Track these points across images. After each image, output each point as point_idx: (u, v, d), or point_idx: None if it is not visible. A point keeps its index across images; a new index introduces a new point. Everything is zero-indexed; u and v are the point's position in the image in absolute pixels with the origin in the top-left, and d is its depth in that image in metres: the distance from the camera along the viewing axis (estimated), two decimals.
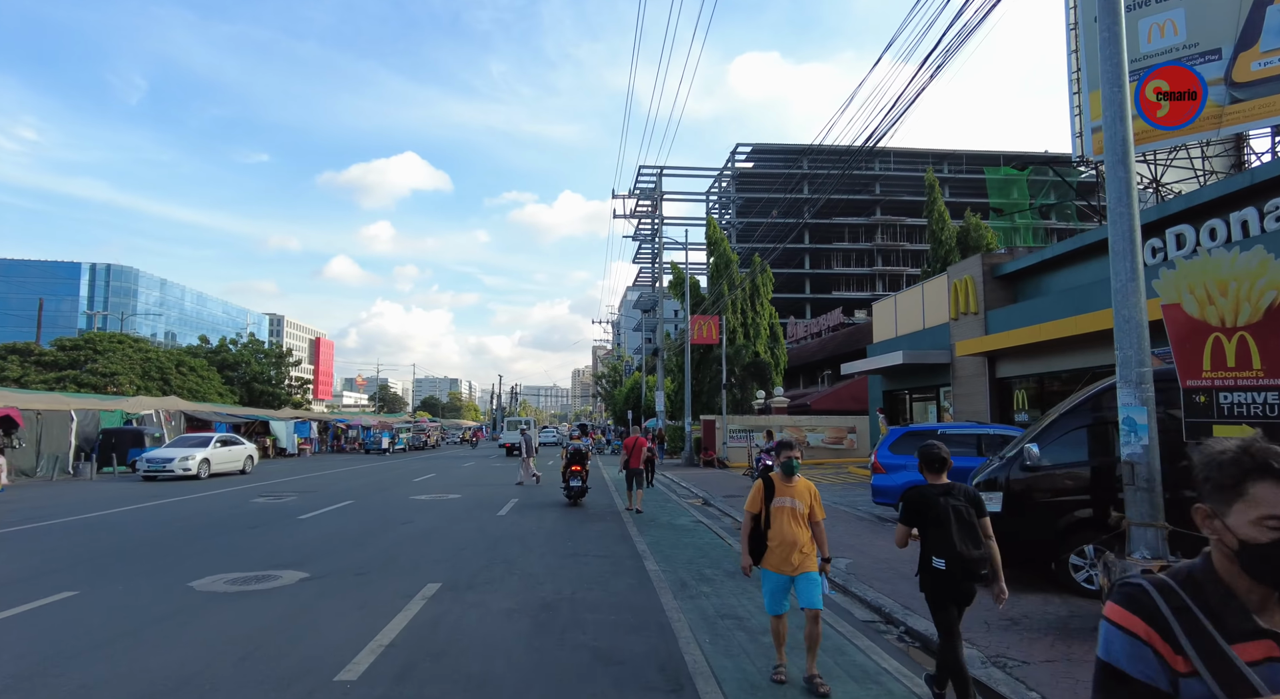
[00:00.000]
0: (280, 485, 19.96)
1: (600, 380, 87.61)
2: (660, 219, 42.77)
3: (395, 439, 45.94)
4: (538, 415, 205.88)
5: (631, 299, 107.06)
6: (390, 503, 15.61)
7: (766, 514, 4.86)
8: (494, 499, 16.38)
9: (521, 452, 21.57)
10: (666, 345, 38.58)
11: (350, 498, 16.56)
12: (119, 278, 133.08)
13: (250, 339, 61.32)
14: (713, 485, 19.65)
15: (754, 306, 38.71)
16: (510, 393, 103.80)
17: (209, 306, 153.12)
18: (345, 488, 19.27)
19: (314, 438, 43.79)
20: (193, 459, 21.73)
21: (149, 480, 21.60)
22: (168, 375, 39.74)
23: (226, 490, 18.57)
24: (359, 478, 23.09)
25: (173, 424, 30.66)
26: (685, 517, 13.68)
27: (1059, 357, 15.46)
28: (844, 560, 8.78)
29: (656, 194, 41.83)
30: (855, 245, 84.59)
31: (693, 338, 28.91)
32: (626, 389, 59.23)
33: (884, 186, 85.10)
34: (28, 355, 37.60)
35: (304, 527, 12.00)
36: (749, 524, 4.94)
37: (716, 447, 28.18)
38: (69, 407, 25.12)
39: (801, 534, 4.79)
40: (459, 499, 16.44)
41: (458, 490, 18.61)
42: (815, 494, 4.96)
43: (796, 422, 29.33)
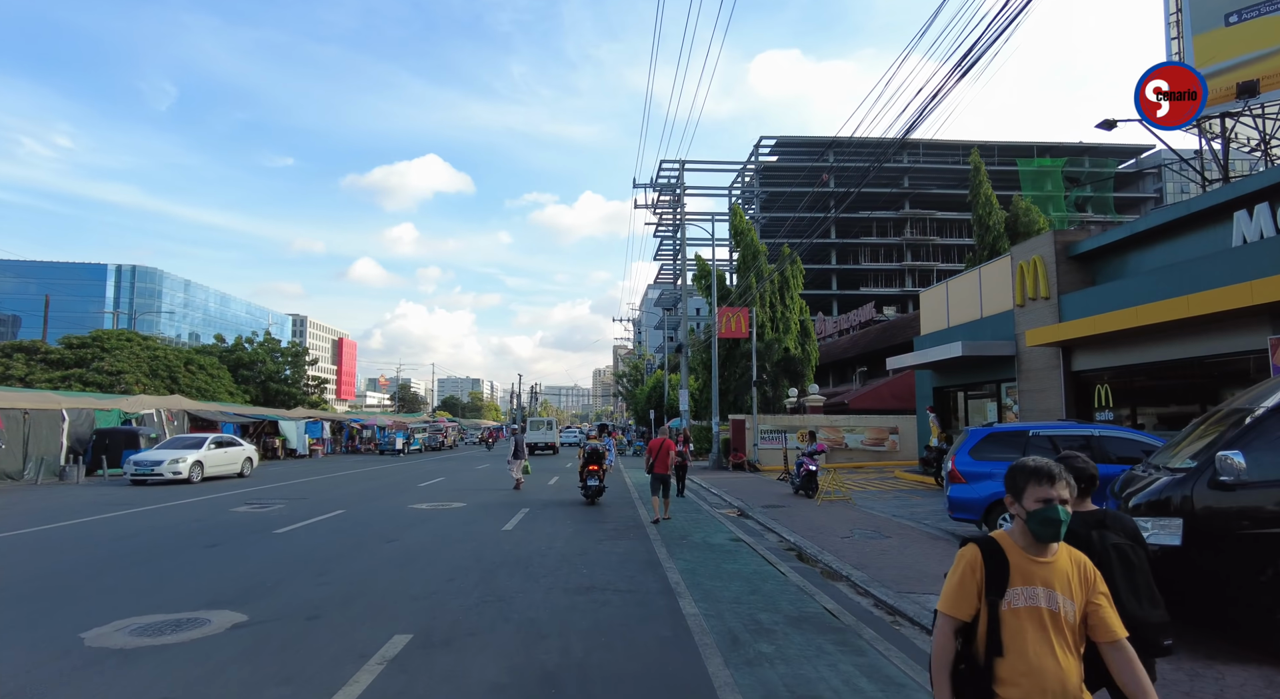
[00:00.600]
0: (272, 491, 18.26)
1: (621, 379, 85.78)
2: (682, 213, 40.83)
3: (410, 440, 44.37)
4: (558, 415, 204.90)
5: (652, 297, 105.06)
6: (383, 513, 13.79)
7: (991, 622, 2.28)
8: (501, 509, 14.50)
9: (513, 452, 19.59)
10: (690, 342, 36.56)
11: (342, 506, 14.77)
12: (144, 279, 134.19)
13: (266, 337, 60.22)
14: (747, 492, 17.63)
15: (783, 300, 36.55)
16: (530, 392, 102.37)
17: (232, 307, 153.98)
18: (341, 494, 17.52)
19: (326, 438, 42.34)
20: (183, 462, 20.14)
21: (138, 484, 20.03)
22: (176, 374, 38.48)
23: (210, 497, 16.90)
24: (361, 482, 21.37)
25: (175, 424, 29.25)
26: (721, 532, 11.69)
27: (1152, 346, 13.25)
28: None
29: (678, 187, 39.96)
30: (883, 240, 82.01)
31: (720, 331, 26.85)
32: (648, 388, 57.30)
33: (913, 180, 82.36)
34: (34, 353, 36.49)
35: (273, 544, 10.19)
36: (949, 644, 2.33)
37: (747, 448, 26.13)
38: (60, 405, 23.70)
39: (1069, 672, 2.24)
40: (462, 509, 14.58)
41: (463, 497, 16.77)
42: (1095, 579, 2.35)
43: (833, 421, 27.19)
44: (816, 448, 16.26)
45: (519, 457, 19.32)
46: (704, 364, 37.90)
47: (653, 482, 13.51)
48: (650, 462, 13.57)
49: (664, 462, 13.47)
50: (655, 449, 13.62)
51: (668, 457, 13.61)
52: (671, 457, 13.81)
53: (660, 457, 13.47)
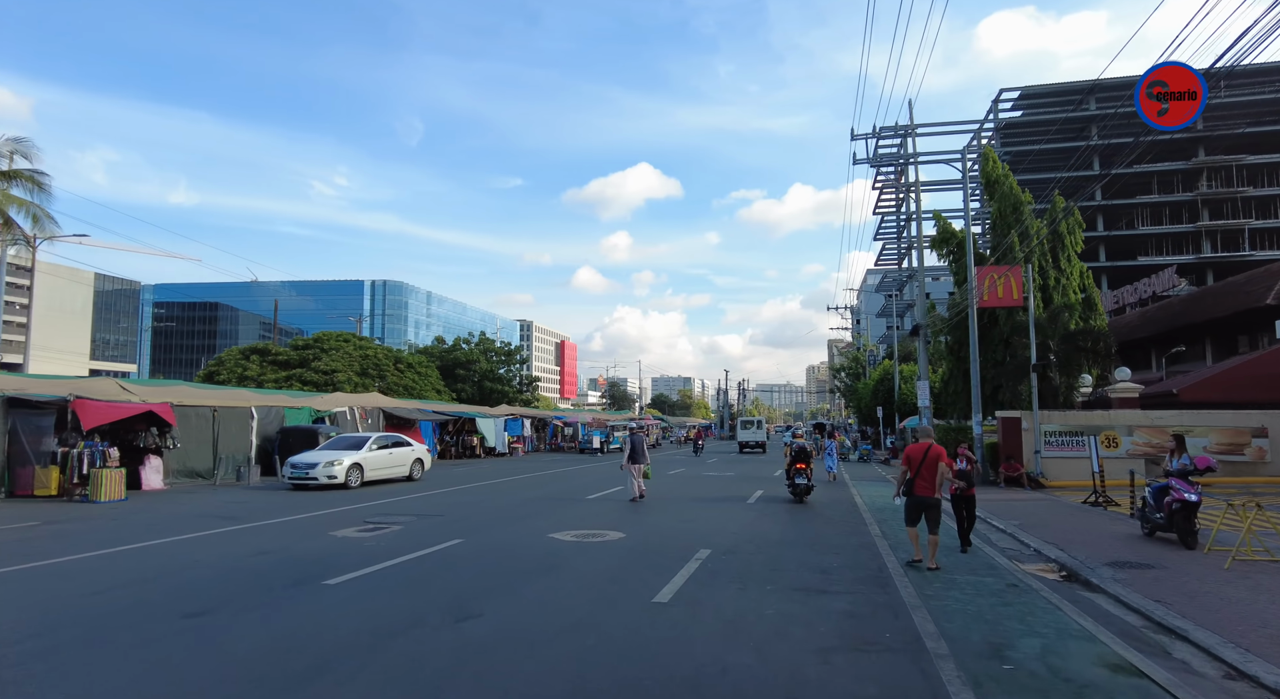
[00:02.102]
0: (415, 503, 15.24)
1: (838, 374, 77.90)
2: (906, 186, 33.94)
3: (609, 438, 41.58)
4: (770, 413, 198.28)
5: (872, 283, 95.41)
6: (506, 549, 9.73)
7: None
8: (668, 549, 9.76)
9: (628, 456, 15.98)
10: (930, 320, 29.46)
11: (465, 533, 11.00)
12: (393, 292, 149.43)
13: (481, 338, 61.60)
14: (1054, 529, 11.33)
15: (1056, 264, 28.17)
16: (738, 389, 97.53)
17: (468, 315, 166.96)
18: (485, 510, 13.96)
19: (528, 436, 40.79)
20: (339, 465, 18.01)
21: (299, 488, 18.24)
22: (384, 372, 38.97)
23: (334, 510, 14.10)
24: (526, 489, 17.95)
25: (369, 422, 28.42)
26: (1072, 637, 5.95)
27: None
28: None
29: (906, 131, 33.05)
30: (1167, 198, 66.34)
31: (980, 300, 20.00)
32: (873, 381, 49.78)
33: (1209, 119, 65.17)
34: (266, 355, 38.67)
35: (296, 613, 6.40)
36: None
37: (1025, 457, 19.14)
38: (249, 403, 23.17)
39: None
40: (614, 544, 10.13)
41: (628, 522, 12.38)
42: None
43: (1156, 419, 19.21)
44: (1199, 464, 9.62)
45: (638, 461, 15.73)
46: (948, 349, 30.56)
47: (909, 507, 8.64)
48: (908, 477, 8.43)
49: (930, 480, 8.30)
50: (915, 458, 8.40)
51: (935, 472, 8.25)
52: (944, 475, 8.36)
53: (926, 470, 8.28)
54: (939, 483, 8.42)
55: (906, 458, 8.60)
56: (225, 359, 38.64)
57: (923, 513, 8.50)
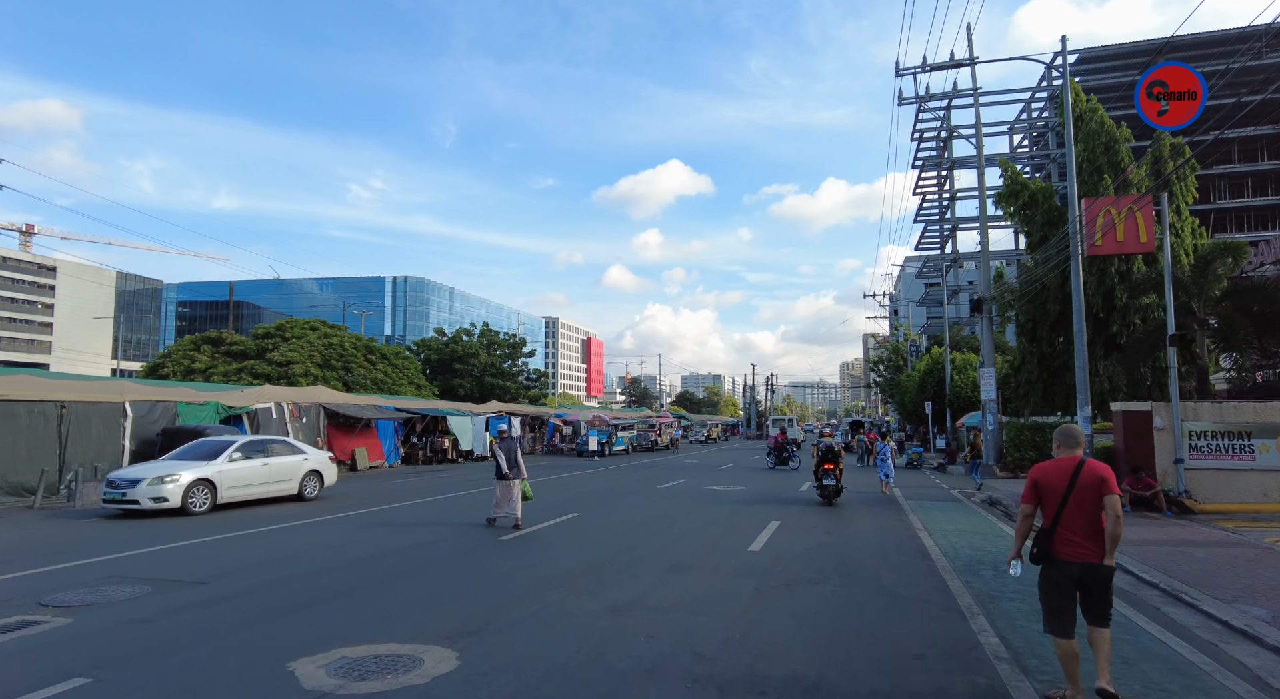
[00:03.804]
0: (186, 556, 9.93)
1: (876, 367, 71.27)
2: (951, 161, 28.39)
3: (611, 439, 35.97)
4: (803, 411, 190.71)
5: (910, 272, 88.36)
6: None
7: None
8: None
9: (501, 466, 11.44)
10: (997, 291, 23.34)
11: (98, 673, 5.62)
12: (414, 289, 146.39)
13: (484, 329, 56.54)
14: (1251, 586, 5.52)
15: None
16: (767, 384, 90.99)
17: (490, 312, 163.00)
18: (269, 582, 8.61)
19: (517, 436, 35.39)
20: (173, 481, 12.78)
21: (130, 515, 13.06)
22: (351, 364, 33.98)
23: (17, 575, 8.86)
24: (426, 519, 12.54)
25: (303, 421, 23.38)
26: None
27: None
28: None
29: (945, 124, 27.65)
30: (1252, 167, 58.96)
31: (1089, 246, 13.95)
32: (919, 372, 43.40)
33: None
34: (219, 345, 33.97)
35: None
36: None
37: (1159, 468, 13.16)
38: (123, 397, 18.21)
39: None
40: None
41: (482, 617, 6.89)
42: None
43: None
44: None
45: (507, 476, 11.41)
46: (1019, 330, 24.49)
47: (1049, 588, 3.56)
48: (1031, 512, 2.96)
49: (1084, 527, 3.01)
50: (1053, 486, 3.07)
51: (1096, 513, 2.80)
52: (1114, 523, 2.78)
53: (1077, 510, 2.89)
54: (1109, 534, 2.99)
55: (1033, 486, 3.19)
56: (173, 351, 34.07)
57: (1077, 598, 3.13)
